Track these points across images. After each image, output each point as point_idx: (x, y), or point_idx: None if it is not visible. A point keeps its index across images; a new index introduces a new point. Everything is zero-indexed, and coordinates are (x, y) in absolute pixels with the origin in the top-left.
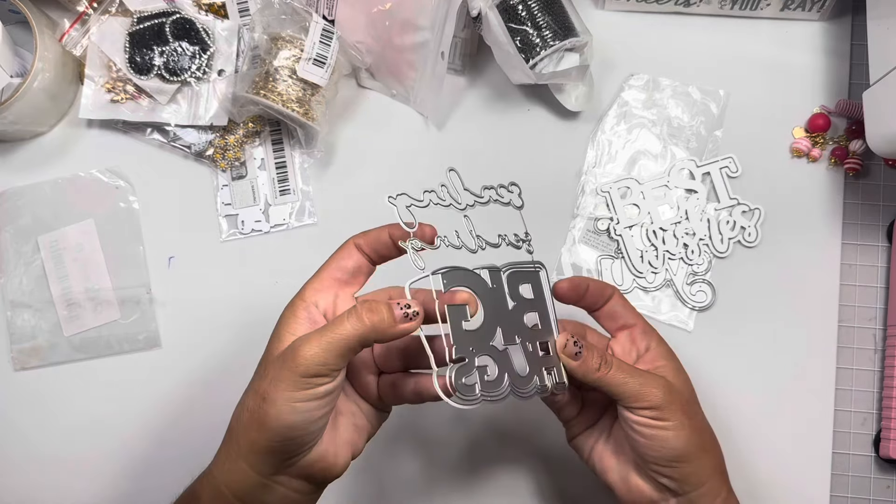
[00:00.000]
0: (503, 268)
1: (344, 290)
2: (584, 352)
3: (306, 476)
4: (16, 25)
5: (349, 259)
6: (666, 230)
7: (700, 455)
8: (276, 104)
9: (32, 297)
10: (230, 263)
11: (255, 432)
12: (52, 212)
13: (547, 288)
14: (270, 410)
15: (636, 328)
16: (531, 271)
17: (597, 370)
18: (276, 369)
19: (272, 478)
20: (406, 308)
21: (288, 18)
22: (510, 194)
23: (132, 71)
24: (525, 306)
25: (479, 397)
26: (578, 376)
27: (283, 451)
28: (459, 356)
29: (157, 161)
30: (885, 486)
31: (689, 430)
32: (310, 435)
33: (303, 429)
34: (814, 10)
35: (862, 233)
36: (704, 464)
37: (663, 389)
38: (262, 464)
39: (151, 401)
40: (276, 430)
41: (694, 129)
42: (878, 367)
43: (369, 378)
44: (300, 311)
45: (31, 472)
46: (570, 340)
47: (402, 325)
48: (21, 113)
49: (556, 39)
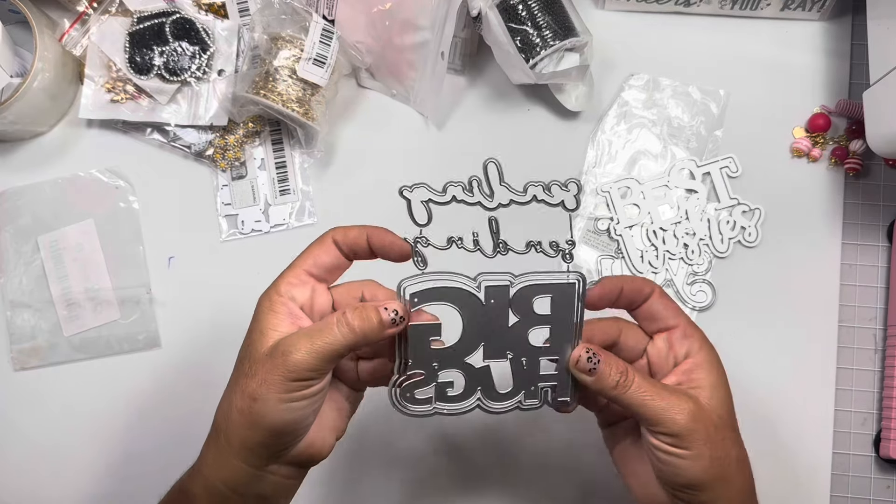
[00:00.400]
0: (520, 279)
1: (319, 283)
2: (602, 366)
3: (295, 463)
4: (16, 25)
5: (326, 255)
6: (666, 230)
7: (717, 485)
8: (276, 104)
9: (32, 297)
10: (230, 263)
11: (247, 431)
12: (51, 212)
13: (577, 301)
14: (263, 411)
15: (675, 331)
16: (557, 283)
17: (614, 387)
18: (265, 370)
19: (264, 469)
20: (393, 313)
21: (288, 18)
22: (565, 193)
23: (132, 71)
24: (531, 321)
25: (432, 410)
26: (595, 391)
27: (275, 445)
28: (416, 371)
29: (157, 161)
30: (886, 487)
31: (707, 461)
32: (301, 429)
33: (295, 425)
34: (814, 10)
35: (862, 233)
36: (722, 493)
37: (686, 416)
38: (255, 458)
39: (151, 401)
40: (269, 429)
41: (694, 129)
42: (879, 367)
43: (348, 364)
44: (278, 305)
45: (31, 472)
46: (583, 356)
47: (389, 330)
48: (21, 113)
49: (557, 39)
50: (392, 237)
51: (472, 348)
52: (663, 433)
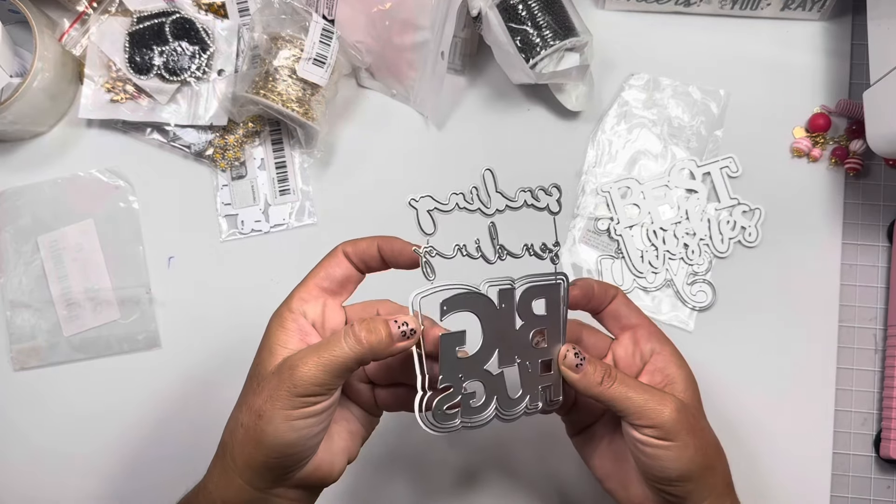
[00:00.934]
0: (519, 282)
1: (332, 298)
2: (587, 364)
3: (303, 486)
4: (16, 25)
5: (337, 268)
6: (666, 230)
7: (704, 473)
8: (275, 104)
9: (32, 297)
10: (230, 263)
11: (251, 449)
12: (51, 212)
13: (563, 300)
14: (267, 428)
15: (640, 329)
16: (549, 284)
17: (599, 384)
18: (271, 387)
19: (269, 491)
20: (403, 326)
21: (288, 18)
22: (548, 197)
23: (132, 71)
24: (533, 323)
25: (459, 425)
26: (579, 389)
27: (280, 466)
28: (445, 385)
29: (157, 161)
30: (886, 487)
31: (693, 450)
32: (307, 450)
33: (300, 445)
34: (814, 10)
35: (862, 233)
36: (708, 481)
37: (671, 408)
38: (259, 479)
39: (151, 401)
40: (273, 448)
41: (694, 129)
42: (879, 367)
43: (361, 386)
44: (289, 322)
45: (30, 472)
46: (570, 351)
47: (399, 343)
48: (21, 113)
49: (557, 39)
50: (402, 243)
51: (490, 355)
52: (649, 426)
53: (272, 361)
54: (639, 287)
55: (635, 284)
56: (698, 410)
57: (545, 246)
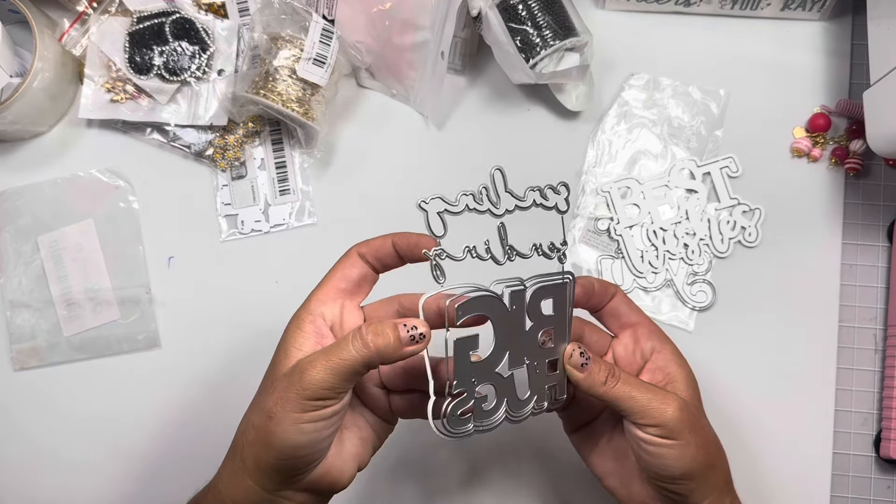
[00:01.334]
0: (529, 283)
1: (350, 300)
2: (591, 364)
3: (312, 490)
4: (16, 25)
5: (353, 269)
6: (666, 230)
7: (706, 471)
8: (275, 104)
9: (32, 297)
10: (230, 263)
11: (260, 450)
12: (51, 212)
13: (570, 299)
14: (276, 430)
15: (640, 327)
16: (557, 284)
17: (603, 383)
18: (282, 388)
19: (277, 493)
20: (413, 330)
21: (288, 18)
22: (556, 196)
23: (132, 71)
24: (542, 323)
25: (472, 430)
26: (584, 389)
27: (289, 468)
28: (459, 390)
29: (157, 161)
30: (886, 487)
31: (695, 448)
32: (316, 453)
33: (309, 448)
34: (814, 10)
35: (862, 233)
36: (710, 479)
37: (674, 407)
38: (268, 480)
39: (151, 401)
40: (282, 450)
41: (694, 129)
42: (879, 367)
43: (376, 391)
44: (306, 324)
45: (31, 472)
46: (576, 351)
47: (408, 347)
48: (21, 113)
49: (557, 39)
50: (416, 237)
51: (502, 357)
52: (652, 425)
53: (287, 363)
54: (639, 287)
55: (635, 284)
56: (699, 409)
57: (553, 245)
